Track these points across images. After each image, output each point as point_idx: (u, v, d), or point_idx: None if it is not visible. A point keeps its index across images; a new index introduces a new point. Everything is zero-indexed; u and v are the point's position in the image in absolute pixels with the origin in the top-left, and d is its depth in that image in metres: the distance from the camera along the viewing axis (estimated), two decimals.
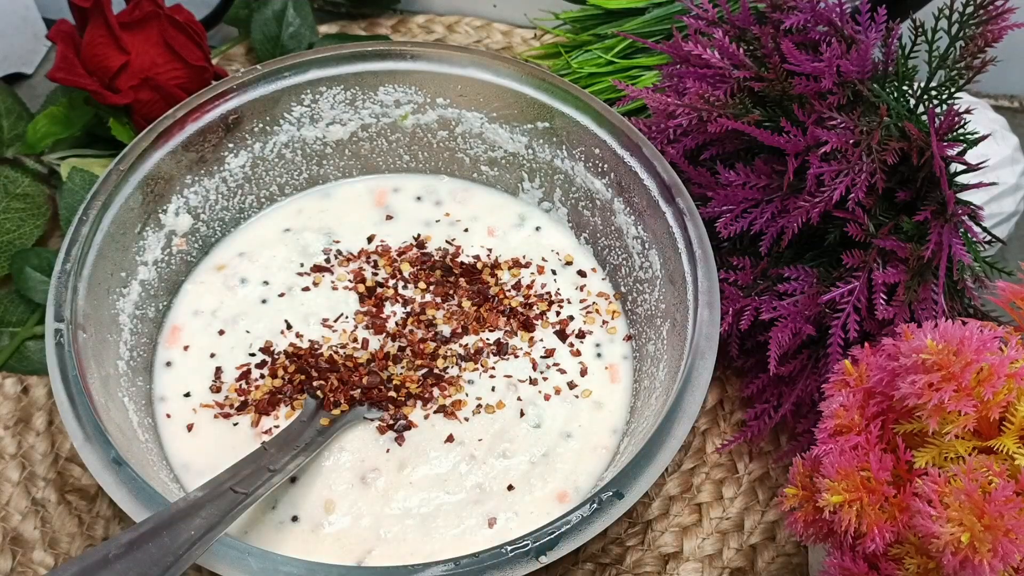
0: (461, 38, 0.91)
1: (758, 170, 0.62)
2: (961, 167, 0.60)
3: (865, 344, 0.51)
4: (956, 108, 0.59)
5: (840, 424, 0.48)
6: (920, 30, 0.61)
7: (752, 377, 0.67)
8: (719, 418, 0.70)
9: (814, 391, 0.62)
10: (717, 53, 0.63)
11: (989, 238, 0.64)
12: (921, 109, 0.62)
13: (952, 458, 0.44)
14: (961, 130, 0.59)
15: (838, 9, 0.63)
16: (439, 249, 0.69)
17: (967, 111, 0.59)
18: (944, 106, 0.61)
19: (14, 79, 0.88)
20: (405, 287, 0.67)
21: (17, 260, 0.72)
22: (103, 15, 0.72)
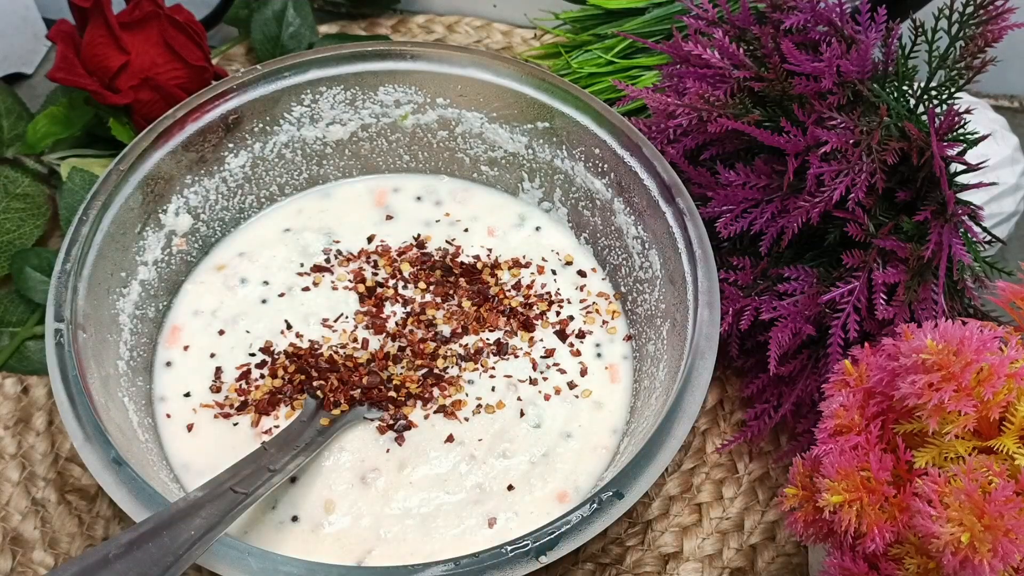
0: (461, 38, 0.91)
1: (758, 170, 0.62)
2: (961, 167, 0.60)
3: (865, 344, 0.51)
4: (956, 108, 0.59)
5: (840, 424, 0.48)
6: (920, 30, 0.61)
7: (752, 377, 0.67)
8: (719, 418, 0.70)
9: (814, 391, 0.62)
10: (717, 53, 0.63)
11: (989, 238, 0.64)
12: (921, 109, 0.62)
13: (952, 458, 0.44)
14: (961, 130, 0.59)
15: (838, 9, 0.63)
16: (439, 249, 0.69)
17: (967, 111, 0.59)
18: (944, 106, 0.61)
19: (14, 79, 0.88)
20: (405, 287, 0.67)
21: (17, 260, 0.72)
22: (103, 15, 0.72)
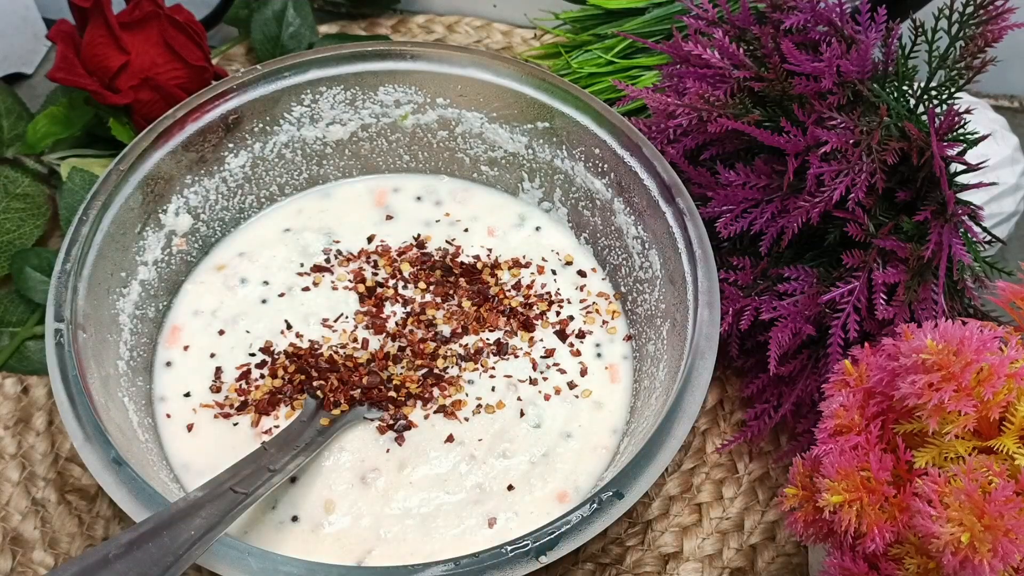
0: (461, 38, 0.91)
1: (758, 170, 0.62)
2: (961, 167, 0.60)
3: (865, 344, 0.51)
4: (956, 108, 0.59)
5: (840, 424, 0.48)
6: (920, 30, 0.61)
7: (752, 377, 0.67)
8: (719, 418, 0.70)
9: (814, 391, 0.62)
10: (717, 53, 0.63)
11: (989, 238, 0.64)
12: (921, 109, 0.62)
13: (952, 458, 0.44)
14: (961, 130, 0.59)
15: (838, 9, 0.63)
16: (439, 249, 0.69)
17: (967, 111, 0.59)
18: (944, 106, 0.61)
19: (14, 79, 0.88)
20: (405, 287, 0.67)
21: (17, 260, 0.72)
22: (103, 15, 0.72)
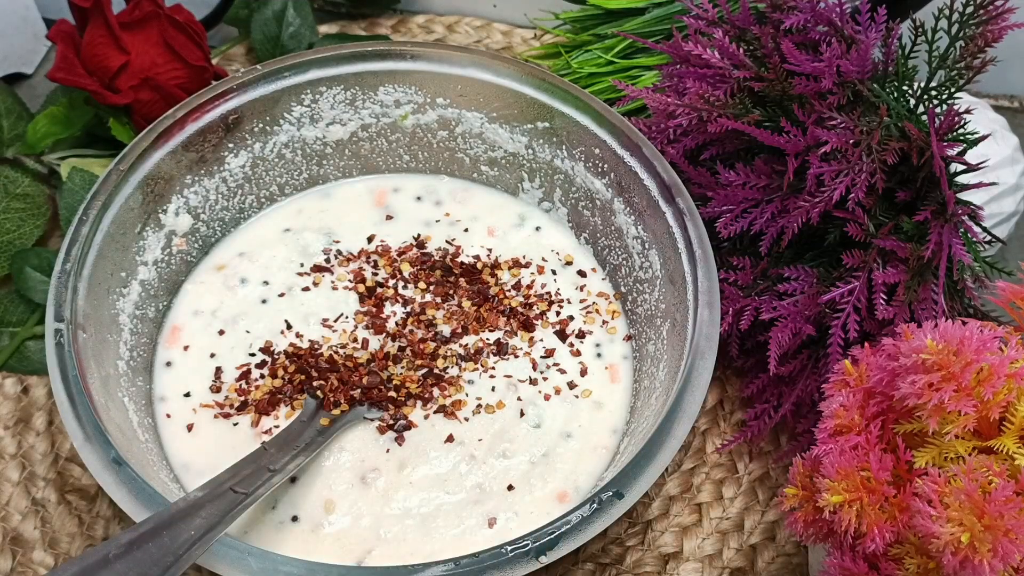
0: (461, 38, 0.91)
1: (758, 170, 0.62)
2: (961, 167, 0.60)
3: (865, 344, 0.51)
4: (956, 108, 0.59)
5: (840, 424, 0.48)
6: (920, 30, 0.61)
7: (752, 377, 0.67)
8: (719, 418, 0.70)
9: (814, 391, 0.62)
10: (717, 53, 0.63)
11: (989, 238, 0.64)
12: (921, 109, 0.62)
13: (952, 458, 0.44)
14: (961, 130, 0.59)
15: (838, 9, 0.63)
16: (439, 249, 0.69)
17: (967, 111, 0.59)
18: (944, 106, 0.61)
19: (14, 79, 0.88)
20: (405, 287, 0.67)
21: (17, 260, 0.72)
22: (103, 15, 0.72)
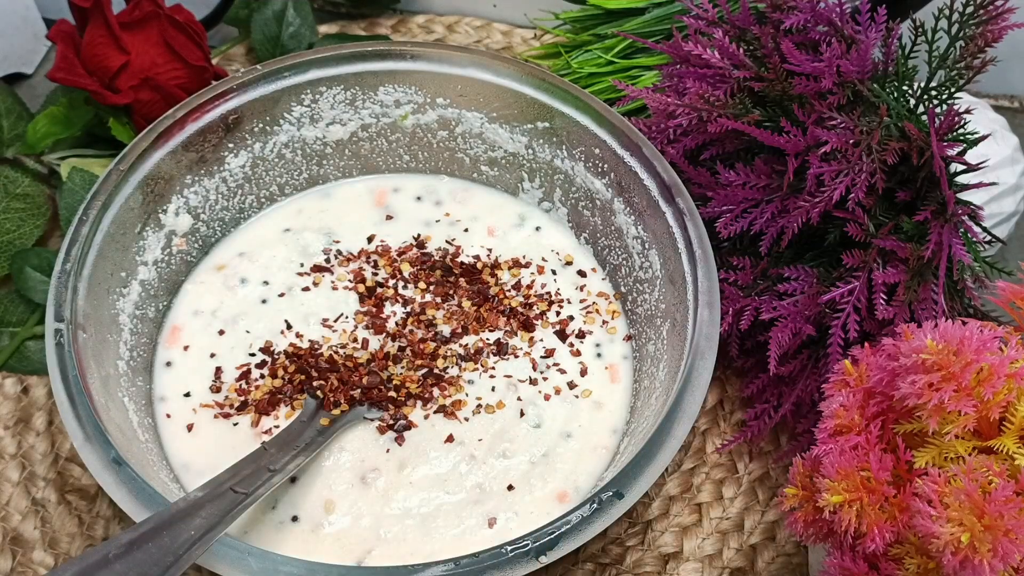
0: (461, 38, 0.91)
1: (758, 170, 0.62)
2: (961, 167, 0.60)
3: (865, 344, 0.51)
4: (956, 108, 0.59)
5: (840, 424, 0.48)
6: (920, 30, 0.61)
7: (752, 377, 0.67)
8: (719, 418, 0.70)
9: (814, 391, 0.62)
10: (717, 53, 0.63)
11: (989, 238, 0.64)
12: (921, 109, 0.62)
13: (952, 458, 0.44)
14: (961, 130, 0.59)
15: (838, 9, 0.63)
16: (439, 249, 0.69)
17: (967, 111, 0.59)
18: (944, 106, 0.61)
19: (14, 79, 0.88)
20: (405, 287, 0.67)
21: (17, 260, 0.72)
22: (103, 15, 0.72)
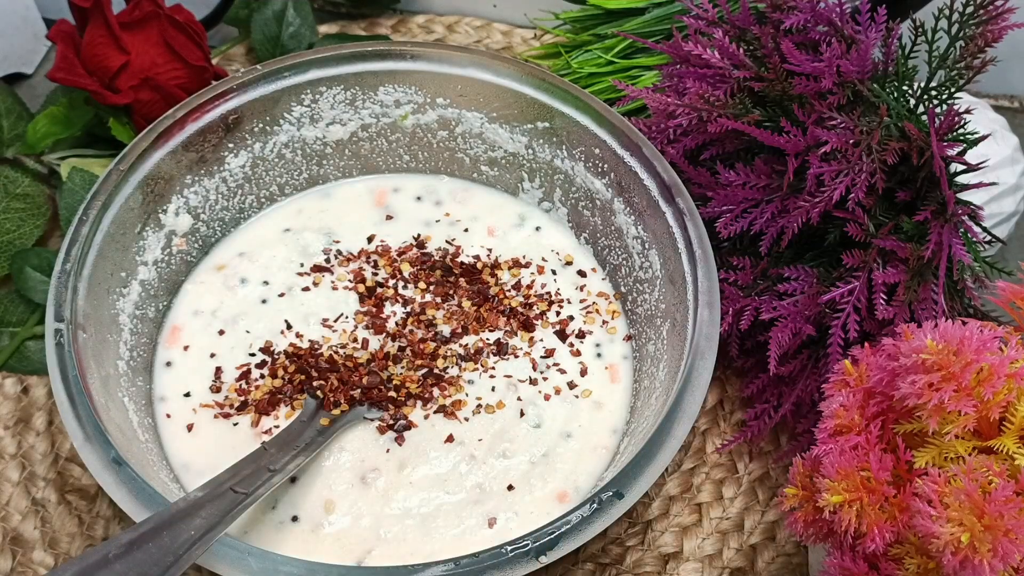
0: (461, 38, 0.91)
1: (758, 170, 0.62)
2: (961, 167, 0.60)
3: (865, 344, 0.51)
4: (956, 108, 0.59)
5: (840, 424, 0.48)
6: (920, 30, 0.61)
7: (752, 377, 0.67)
8: (719, 418, 0.70)
9: (814, 391, 0.62)
10: (717, 53, 0.63)
11: (989, 238, 0.64)
12: (921, 109, 0.62)
13: (952, 458, 0.44)
14: (961, 130, 0.59)
15: (838, 9, 0.63)
16: (439, 249, 0.69)
17: (967, 111, 0.59)
18: (944, 106, 0.61)
19: (14, 79, 0.88)
20: (405, 287, 0.67)
21: (17, 260, 0.72)
22: (103, 15, 0.72)
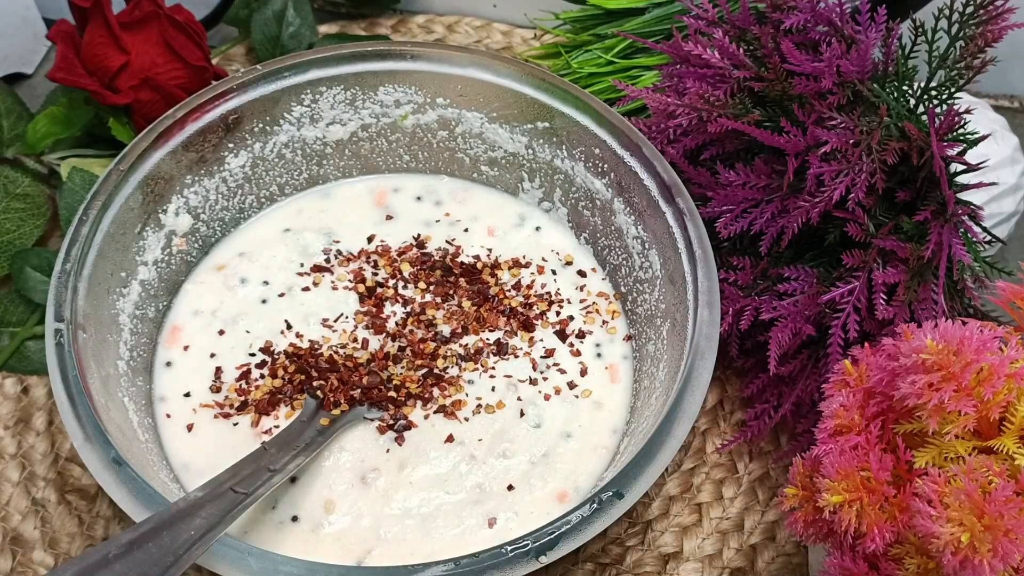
0: (461, 38, 0.91)
1: (758, 170, 0.62)
2: (961, 167, 0.60)
3: (865, 344, 0.51)
4: (956, 108, 0.59)
5: (840, 424, 0.48)
6: (920, 30, 0.61)
7: (752, 377, 0.67)
8: (719, 418, 0.70)
9: (814, 391, 0.62)
10: (717, 53, 0.63)
11: (989, 238, 0.64)
12: (921, 109, 0.62)
13: (952, 458, 0.44)
14: (961, 130, 0.59)
15: (838, 9, 0.63)
16: (439, 249, 0.69)
17: (967, 111, 0.59)
18: (944, 106, 0.61)
19: (14, 79, 0.88)
20: (405, 287, 0.67)
21: (17, 260, 0.72)
22: (103, 15, 0.72)
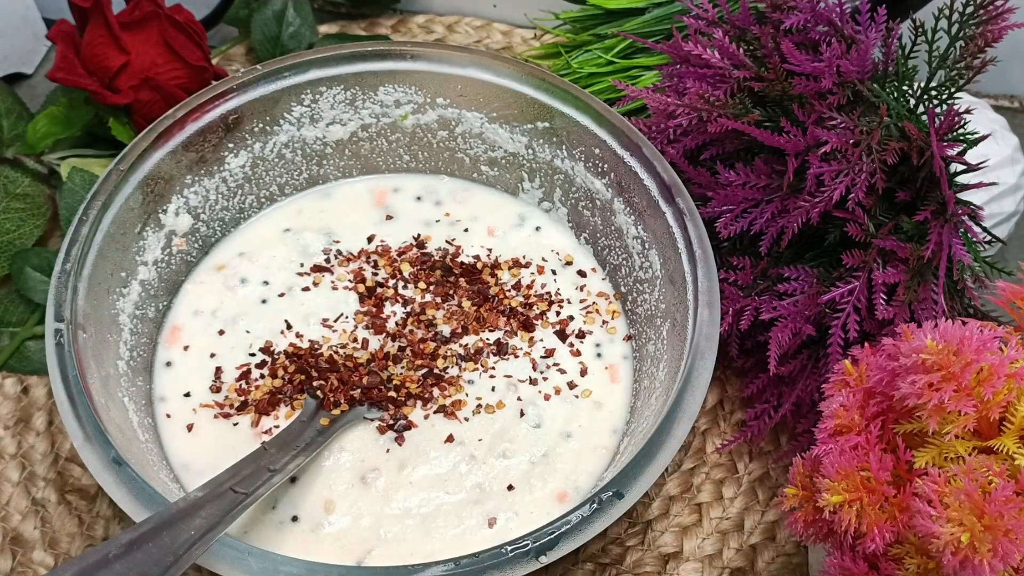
0: (461, 38, 0.91)
1: (758, 170, 0.62)
2: (961, 167, 0.60)
3: (865, 344, 0.51)
4: (956, 108, 0.59)
5: (840, 424, 0.48)
6: (920, 30, 0.61)
7: (752, 377, 0.67)
8: (719, 418, 0.70)
9: (814, 391, 0.62)
10: (717, 53, 0.63)
11: (989, 238, 0.64)
12: (921, 109, 0.62)
13: (952, 458, 0.44)
14: (961, 130, 0.59)
15: (838, 9, 0.63)
16: (439, 249, 0.69)
17: (967, 111, 0.59)
18: (944, 106, 0.61)
19: (14, 79, 0.88)
20: (405, 287, 0.67)
21: (17, 260, 0.72)
22: (103, 15, 0.72)
